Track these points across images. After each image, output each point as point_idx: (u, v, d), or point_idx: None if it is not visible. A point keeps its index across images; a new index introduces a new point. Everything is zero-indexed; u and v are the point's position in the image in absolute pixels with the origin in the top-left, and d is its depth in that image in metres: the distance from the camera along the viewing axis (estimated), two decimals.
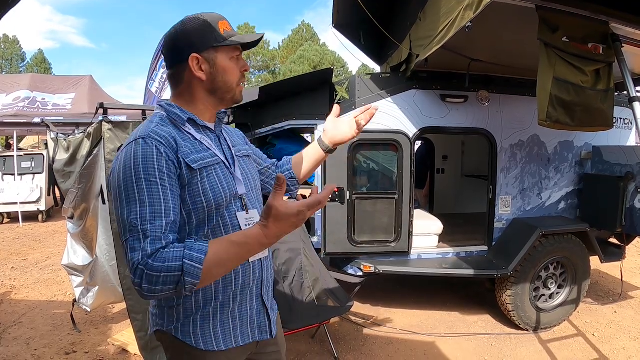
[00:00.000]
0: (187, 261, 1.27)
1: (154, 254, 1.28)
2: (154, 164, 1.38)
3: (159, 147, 1.41)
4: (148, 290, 1.27)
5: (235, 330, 1.63)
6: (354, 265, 4.82)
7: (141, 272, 1.26)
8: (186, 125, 1.57)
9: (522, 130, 4.97)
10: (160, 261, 1.27)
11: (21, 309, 5.36)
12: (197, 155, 1.51)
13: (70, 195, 3.66)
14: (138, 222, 1.32)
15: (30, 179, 11.06)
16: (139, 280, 1.27)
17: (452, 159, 8.33)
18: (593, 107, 3.16)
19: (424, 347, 4.45)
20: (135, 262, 1.28)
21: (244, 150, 1.84)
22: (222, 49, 1.58)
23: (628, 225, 4.66)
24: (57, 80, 13.03)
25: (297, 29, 46.18)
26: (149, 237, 1.31)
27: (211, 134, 1.67)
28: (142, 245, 1.29)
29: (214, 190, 1.52)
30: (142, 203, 1.34)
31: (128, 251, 1.32)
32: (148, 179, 1.36)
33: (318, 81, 4.66)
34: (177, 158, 1.45)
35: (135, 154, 1.38)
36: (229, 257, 1.34)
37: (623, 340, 4.60)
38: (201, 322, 1.57)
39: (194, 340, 1.56)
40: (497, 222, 5.02)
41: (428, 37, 3.76)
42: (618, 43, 3.15)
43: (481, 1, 2.72)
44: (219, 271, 1.37)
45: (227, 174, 1.61)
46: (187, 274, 1.26)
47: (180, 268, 1.26)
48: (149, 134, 1.43)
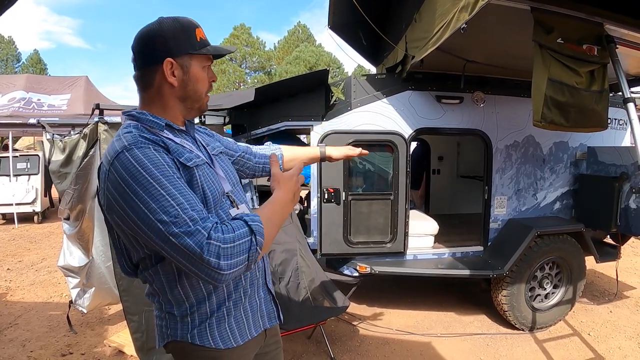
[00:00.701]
0: (252, 222, 1.35)
1: (218, 228, 1.29)
2: (160, 160, 1.34)
3: (155, 147, 1.38)
4: (227, 266, 1.27)
5: (249, 323, 1.67)
6: (350, 265, 4.82)
7: (216, 248, 1.25)
8: (164, 131, 1.52)
9: (517, 131, 4.99)
10: (229, 232, 1.30)
11: (17, 310, 5.35)
12: (189, 155, 1.50)
13: (66, 196, 3.66)
14: (180, 212, 1.27)
15: (26, 180, 11.01)
16: (215, 260, 1.25)
17: (448, 159, 8.36)
18: (587, 108, 3.17)
19: (420, 348, 4.45)
20: (203, 242, 1.25)
21: (217, 147, 1.83)
22: (197, 57, 1.55)
23: (623, 225, 4.68)
24: (52, 81, 13.00)
25: (293, 30, 46.09)
26: (198, 220, 1.28)
27: (187, 137, 1.64)
28: (198, 227, 1.26)
29: (210, 188, 1.53)
30: (172, 196, 1.29)
31: (184, 240, 1.25)
32: (164, 174, 1.32)
33: (314, 82, 4.67)
34: (173, 158, 1.43)
35: (137, 159, 1.31)
36: (272, 214, 1.49)
37: (618, 339, 4.62)
38: (217, 323, 1.57)
39: (213, 342, 1.56)
40: (493, 222, 5.04)
41: (423, 39, 3.77)
42: (612, 44, 3.16)
43: (476, 3, 2.73)
44: (273, 230, 1.47)
45: (213, 173, 1.61)
46: (257, 233, 1.34)
47: (249, 232, 1.33)
48: (137, 139, 1.37)
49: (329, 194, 4.55)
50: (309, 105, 4.62)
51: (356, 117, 4.64)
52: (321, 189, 4.58)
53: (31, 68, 40.57)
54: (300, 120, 4.66)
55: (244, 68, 42.27)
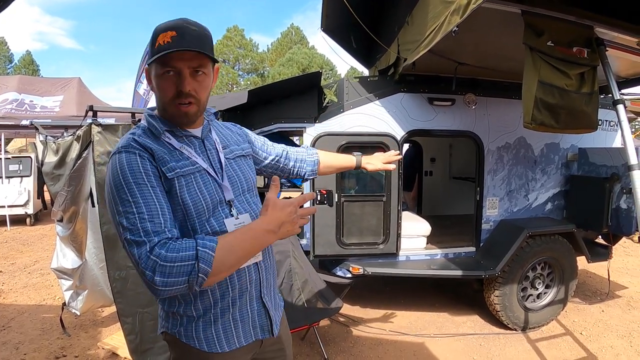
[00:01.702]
0: (201, 248, 1.33)
1: (165, 244, 1.34)
2: (140, 168, 1.43)
3: (142, 154, 1.46)
4: (161, 283, 1.30)
5: (238, 332, 1.66)
6: (343, 267, 4.83)
7: (153, 263, 1.30)
8: (165, 135, 1.58)
9: (509, 133, 5.02)
10: (173, 251, 1.32)
11: (10, 313, 5.33)
12: (175, 164, 1.53)
13: (59, 198, 3.65)
14: (137, 221, 1.35)
15: (18, 182, 10.96)
16: (150, 274, 1.30)
17: (440, 161, 8.40)
18: (577, 109, 3.21)
19: (413, 348, 4.47)
20: (143, 254, 1.32)
21: (239, 150, 1.83)
22: (153, 65, 1.52)
23: (614, 226, 4.72)
24: (45, 82, 12.93)
25: (286, 32, 46.17)
26: (150, 232, 1.35)
27: (195, 141, 1.66)
28: (147, 238, 1.34)
29: (193, 199, 1.54)
30: (137, 204, 1.37)
31: (132, 249, 1.34)
32: (137, 182, 1.40)
33: (307, 84, 4.67)
34: (157, 167, 1.48)
35: (120, 163, 1.43)
36: (238, 243, 1.43)
37: (610, 338, 4.65)
38: (203, 326, 1.61)
39: (198, 343, 1.60)
40: (485, 223, 5.07)
41: (415, 41, 3.79)
42: (602, 47, 3.21)
43: (467, 6, 2.75)
44: (230, 259, 1.41)
45: (209, 181, 1.61)
46: (201, 260, 1.32)
47: (194, 256, 1.32)
48: (130, 143, 1.48)
49: (321, 195, 4.56)
50: (302, 107, 4.63)
51: (349, 119, 4.66)
52: (314, 191, 4.59)
53: (24, 69, 40.47)
54: (293, 122, 4.66)
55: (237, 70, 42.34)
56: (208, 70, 1.57)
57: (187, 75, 1.50)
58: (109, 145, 3.21)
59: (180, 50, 1.44)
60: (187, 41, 1.46)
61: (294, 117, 4.65)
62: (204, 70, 1.54)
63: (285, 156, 2.17)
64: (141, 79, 12.48)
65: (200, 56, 1.50)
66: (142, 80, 12.47)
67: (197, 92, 1.54)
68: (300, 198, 1.58)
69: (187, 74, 1.50)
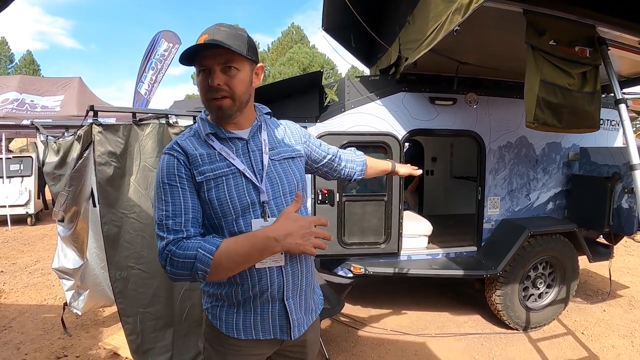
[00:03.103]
0: (201, 250, 1.48)
1: (178, 242, 1.52)
2: (174, 170, 1.61)
3: (179, 157, 1.63)
4: (171, 272, 1.53)
5: (256, 325, 1.74)
6: (344, 266, 4.82)
7: (166, 256, 1.52)
8: (209, 137, 1.70)
9: (510, 132, 5.01)
10: (181, 249, 1.50)
11: (11, 313, 5.33)
12: (207, 167, 1.64)
13: (60, 198, 3.64)
14: (163, 218, 1.57)
15: (19, 181, 10.96)
16: (164, 263, 1.53)
17: (441, 160, 8.40)
18: (580, 109, 3.20)
19: (415, 348, 4.47)
20: (161, 247, 1.53)
21: (288, 152, 1.87)
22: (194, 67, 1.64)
23: (615, 225, 4.72)
24: (45, 82, 12.91)
25: (287, 31, 46.13)
26: (171, 230, 1.55)
27: (239, 142, 1.73)
28: (166, 235, 1.54)
29: (220, 200, 1.63)
30: (166, 203, 1.58)
31: (157, 240, 1.57)
32: (170, 183, 1.60)
33: (307, 84, 4.67)
34: (190, 170, 1.63)
35: (161, 164, 1.64)
36: (237, 248, 1.52)
37: (612, 338, 4.65)
38: (227, 309, 1.75)
39: (219, 323, 1.76)
40: (486, 222, 5.06)
41: (417, 40, 3.78)
42: (604, 46, 3.19)
43: (469, 5, 2.74)
44: (229, 263, 1.52)
45: (243, 183, 1.67)
46: (199, 261, 1.47)
47: (194, 256, 1.48)
48: (172, 145, 1.67)
49: (322, 195, 4.55)
50: (303, 106, 4.62)
51: (350, 118, 4.65)
52: (315, 190, 4.58)
53: (24, 69, 40.48)
54: (294, 121, 4.64)
55: None
56: (240, 65, 1.62)
57: (217, 70, 1.58)
58: (109, 145, 3.20)
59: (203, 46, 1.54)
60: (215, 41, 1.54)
61: (295, 116, 4.63)
62: (234, 65, 1.60)
63: (339, 157, 2.26)
64: (142, 78, 12.50)
65: (228, 52, 1.56)
66: (143, 80, 12.49)
67: (230, 85, 1.60)
68: (316, 218, 1.66)
69: (217, 69, 1.58)
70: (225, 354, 1.78)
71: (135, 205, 3.30)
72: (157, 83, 12.79)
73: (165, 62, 12.72)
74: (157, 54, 12.56)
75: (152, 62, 12.56)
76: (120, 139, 3.26)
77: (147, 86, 12.58)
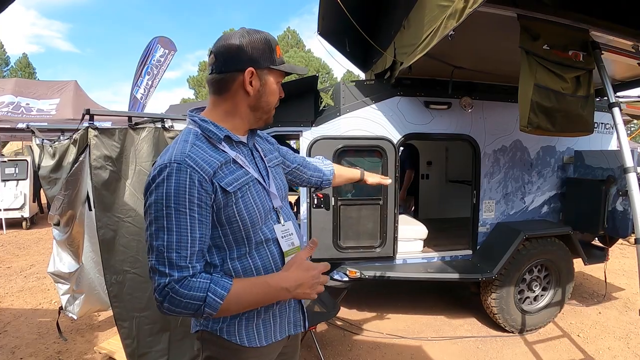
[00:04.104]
0: (211, 294, 1.40)
1: (182, 280, 1.40)
2: (186, 194, 1.42)
3: (193, 175, 1.44)
4: (168, 309, 1.41)
5: (275, 327, 1.73)
6: (340, 270, 4.82)
7: (166, 293, 1.38)
8: (222, 143, 1.60)
9: (505, 136, 5.03)
10: (187, 289, 1.39)
11: (6, 317, 5.31)
12: (231, 177, 1.55)
13: (56, 202, 3.63)
14: (164, 249, 1.40)
15: (14, 185, 10.92)
16: (161, 299, 1.39)
17: (436, 164, 8.41)
18: (573, 113, 3.22)
19: (411, 351, 4.47)
20: (161, 284, 1.39)
21: (275, 159, 1.92)
22: (274, 72, 1.66)
23: (610, 228, 4.74)
24: (41, 85, 12.86)
25: (283, 35, 46.10)
26: (174, 265, 1.40)
27: (244, 149, 1.72)
28: (168, 271, 1.39)
29: (249, 210, 1.58)
30: (169, 231, 1.41)
31: (154, 274, 1.41)
32: (178, 208, 1.41)
33: (303, 88, 4.67)
34: (212, 185, 1.49)
35: (168, 182, 1.42)
36: (249, 297, 1.50)
37: (608, 340, 4.67)
38: (246, 322, 1.65)
39: (239, 339, 1.64)
40: (481, 226, 5.07)
41: (412, 45, 3.80)
42: (598, 50, 3.22)
43: (463, 10, 2.76)
44: (237, 308, 1.51)
45: (261, 190, 1.66)
46: (207, 306, 1.40)
47: (203, 299, 1.39)
48: (185, 159, 1.45)
49: (318, 199, 4.55)
50: (298, 111, 4.63)
51: (345, 122, 4.66)
52: (310, 195, 4.58)
53: (20, 72, 40.37)
54: (289, 125, 4.67)
55: None
56: None
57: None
58: (105, 149, 3.21)
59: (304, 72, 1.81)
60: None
61: (290, 121, 4.65)
62: None
63: (304, 164, 2.26)
64: (138, 83, 12.49)
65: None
66: (139, 84, 12.48)
67: None
68: (323, 265, 1.68)
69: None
70: None
71: (131, 209, 3.30)
72: (153, 88, 12.79)
73: (161, 67, 12.72)
74: (153, 59, 12.55)
75: (148, 67, 12.56)
76: (116, 143, 3.27)
77: (143, 91, 12.57)
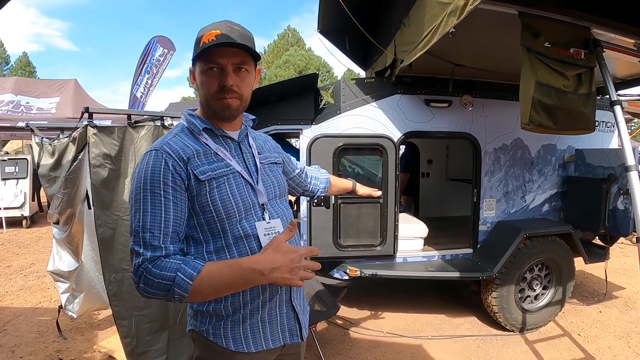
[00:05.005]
0: (180, 274, 1.38)
1: (155, 260, 1.41)
2: (160, 177, 1.49)
3: (168, 160, 1.51)
4: (144, 290, 1.42)
5: (265, 334, 1.68)
6: (340, 269, 4.81)
7: (141, 273, 1.41)
8: (202, 134, 1.64)
9: (506, 134, 5.02)
10: (158, 268, 1.40)
11: (5, 316, 5.31)
12: (207, 167, 1.57)
13: (55, 201, 3.62)
14: (140, 230, 1.45)
15: (14, 184, 10.92)
16: (137, 279, 1.42)
17: (437, 163, 8.40)
18: (575, 110, 3.21)
19: (411, 350, 4.47)
20: (136, 264, 1.42)
21: (272, 157, 1.90)
22: (198, 62, 1.60)
23: (611, 227, 4.72)
24: (41, 84, 12.83)
25: (283, 34, 46.06)
26: (148, 244, 1.43)
27: (232, 143, 1.72)
28: (142, 250, 1.42)
29: (224, 201, 1.57)
30: (145, 212, 1.46)
31: (132, 255, 1.45)
32: (153, 190, 1.47)
33: (303, 86, 4.66)
34: (186, 170, 1.53)
35: (147, 166, 1.50)
36: (220, 276, 1.43)
37: (608, 339, 4.66)
38: (232, 326, 1.63)
39: (225, 342, 1.62)
40: (482, 224, 5.06)
41: (412, 43, 3.78)
42: (599, 48, 3.20)
43: (464, 7, 2.74)
44: (209, 291, 1.45)
45: (242, 184, 1.64)
46: (177, 286, 1.38)
47: (172, 279, 1.38)
48: (162, 146, 1.54)
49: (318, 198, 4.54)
50: (299, 109, 4.62)
51: (345, 120, 4.65)
52: None
53: (20, 71, 40.41)
54: (289, 124, 4.65)
55: None
56: (250, 67, 1.64)
57: (230, 71, 1.57)
58: (104, 147, 3.20)
59: (224, 44, 1.52)
60: (231, 39, 1.53)
61: (290, 119, 4.64)
62: (246, 67, 1.61)
63: (305, 172, 2.27)
64: (138, 82, 12.48)
65: (243, 53, 1.58)
66: (139, 83, 12.48)
67: (240, 87, 1.60)
68: (307, 249, 1.60)
69: (230, 69, 1.56)
70: None
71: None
72: (153, 87, 12.78)
73: (161, 66, 12.71)
74: (152, 58, 12.54)
75: (148, 66, 12.55)
76: (115, 141, 3.26)
77: (143, 89, 12.57)
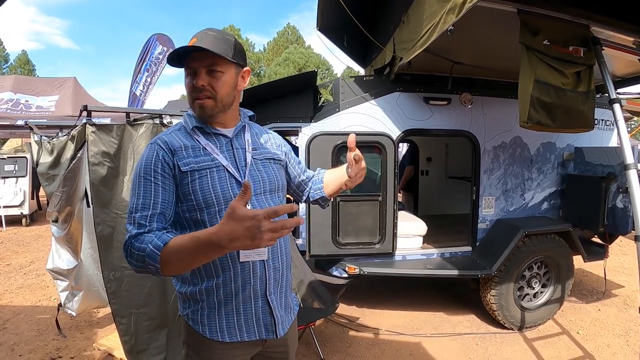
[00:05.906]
0: (151, 245, 1.46)
1: (138, 236, 1.53)
2: (151, 165, 1.65)
3: (159, 151, 1.67)
4: (130, 263, 1.54)
5: (240, 326, 1.76)
6: (339, 266, 4.82)
7: (127, 248, 1.53)
8: (195, 132, 1.77)
9: (505, 132, 5.02)
10: (138, 242, 1.51)
11: (5, 314, 5.30)
12: (192, 159, 1.69)
13: (54, 199, 3.62)
14: (133, 211, 1.60)
15: (14, 182, 10.93)
16: (125, 254, 1.55)
17: (436, 160, 8.40)
18: (574, 108, 3.20)
19: (410, 348, 4.47)
20: (125, 240, 1.55)
21: (270, 153, 1.94)
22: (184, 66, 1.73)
23: (610, 225, 4.73)
24: (40, 82, 12.80)
25: (282, 32, 46.12)
26: (136, 223, 1.57)
27: (223, 139, 1.81)
28: (130, 228, 1.57)
29: (203, 192, 1.67)
30: (138, 195, 1.62)
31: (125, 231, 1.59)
32: (145, 177, 1.64)
33: (302, 84, 4.67)
34: (173, 161, 1.67)
35: (142, 156, 1.69)
36: (185, 250, 1.43)
37: (607, 337, 4.66)
38: (208, 312, 1.74)
39: (201, 328, 1.74)
40: (481, 222, 5.06)
41: (411, 40, 3.78)
42: (598, 46, 3.20)
43: (463, 5, 2.74)
44: (178, 262, 1.46)
45: (226, 177, 1.72)
46: (148, 256, 1.46)
47: (144, 250, 1.47)
48: (157, 140, 1.72)
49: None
50: (298, 106, 4.63)
51: (344, 118, 4.65)
52: None
53: (19, 69, 40.31)
54: (288, 121, 4.66)
55: None
56: (224, 68, 1.70)
57: (202, 73, 1.67)
58: (103, 145, 3.19)
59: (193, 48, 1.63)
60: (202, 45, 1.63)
61: (289, 116, 4.64)
62: (218, 69, 1.68)
63: (310, 179, 2.25)
64: (137, 80, 12.45)
65: (213, 56, 1.64)
66: (138, 81, 12.44)
67: (213, 87, 1.69)
68: (271, 209, 1.28)
69: (202, 72, 1.67)
70: (212, 358, 1.78)
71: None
72: (152, 85, 12.75)
73: (160, 64, 12.68)
74: (152, 56, 12.50)
75: (147, 65, 12.51)
76: (114, 139, 3.26)
77: (142, 87, 12.53)
